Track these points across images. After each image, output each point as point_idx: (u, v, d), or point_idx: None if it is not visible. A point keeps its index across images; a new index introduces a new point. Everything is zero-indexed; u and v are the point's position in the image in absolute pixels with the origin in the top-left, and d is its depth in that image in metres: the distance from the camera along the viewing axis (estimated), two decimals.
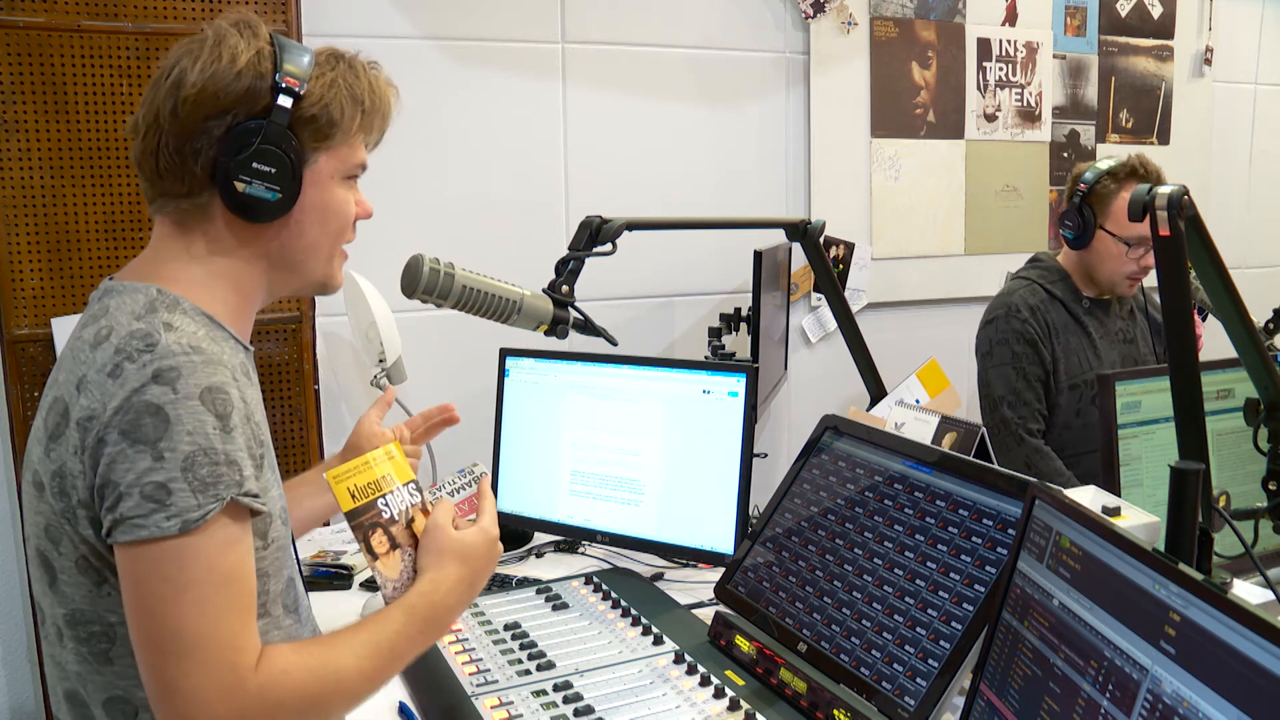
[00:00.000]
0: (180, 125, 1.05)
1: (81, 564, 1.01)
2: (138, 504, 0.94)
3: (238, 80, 1.05)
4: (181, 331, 1.00)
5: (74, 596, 1.03)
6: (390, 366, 2.29)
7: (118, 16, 1.99)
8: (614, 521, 1.94)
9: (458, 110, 2.53)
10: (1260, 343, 1.38)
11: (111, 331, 1.01)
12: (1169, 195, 1.23)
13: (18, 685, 2.26)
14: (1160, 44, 3.36)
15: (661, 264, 2.76)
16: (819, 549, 1.50)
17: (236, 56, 1.06)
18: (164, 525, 0.94)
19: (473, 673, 1.47)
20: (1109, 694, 0.92)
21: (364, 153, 1.18)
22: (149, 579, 0.95)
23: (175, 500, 0.94)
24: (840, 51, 2.91)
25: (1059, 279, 2.39)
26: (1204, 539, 1.35)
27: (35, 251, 2.00)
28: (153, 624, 0.96)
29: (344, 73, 1.13)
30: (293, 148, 1.08)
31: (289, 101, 1.07)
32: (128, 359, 0.97)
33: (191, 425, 0.96)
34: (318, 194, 1.12)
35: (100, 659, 1.03)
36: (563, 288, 1.65)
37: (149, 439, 0.95)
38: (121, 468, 0.95)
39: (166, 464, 0.95)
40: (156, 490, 0.94)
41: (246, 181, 1.05)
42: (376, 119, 1.17)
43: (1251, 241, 3.55)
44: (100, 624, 1.03)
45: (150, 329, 1.00)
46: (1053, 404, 2.34)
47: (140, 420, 0.95)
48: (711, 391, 1.86)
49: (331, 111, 1.10)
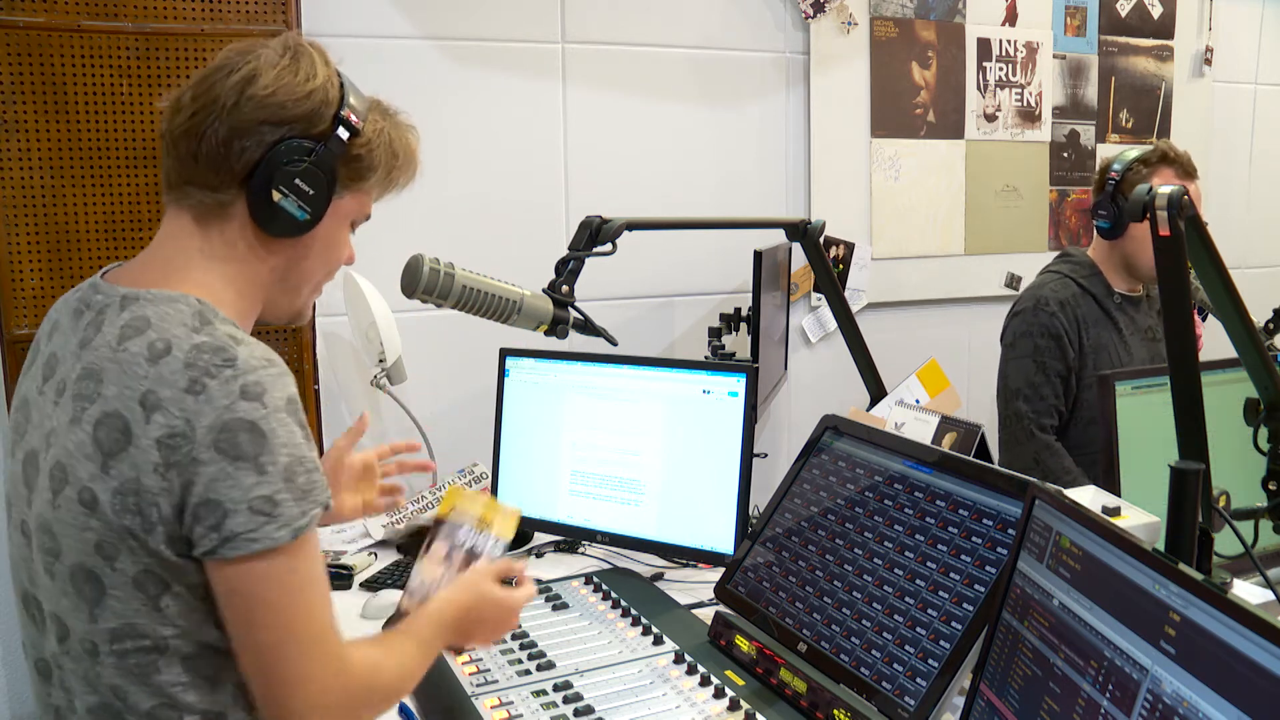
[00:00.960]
0: (238, 118, 1.06)
1: (141, 579, 1.01)
2: (248, 519, 0.97)
3: (308, 99, 1.08)
4: (249, 344, 1.02)
5: (124, 612, 1.02)
6: (390, 366, 2.29)
7: (118, 16, 1.99)
8: (614, 521, 1.94)
9: (458, 110, 2.53)
10: (1260, 343, 1.38)
11: (170, 345, 1.00)
12: (1169, 195, 1.23)
13: (18, 687, 2.26)
14: (1160, 44, 3.36)
15: (661, 264, 2.76)
16: (819, 549, 1.50)
17: (311, 76, 1.09)
18: (276, 536, 0.98)
19: (473, 673, 1.47)
20: (1109, 694, 0.92)
21: (372, 204, 1.22)
22: (265, 590, 1.00)
23: (282, 511, 0.98)
24: (840, 51, 2.91)
25: (1091, 273, 2.38)
26: (1204, 539, 1.35)
27: (35, 251, 2.00)
28: (270, 631, 1.00)
29: (391, 125, 1.18)
30: (334, 179, 1.11)
31: (346, 135, 1.10)
32: (207, 374, 0.98)
33: (284, 437, 0.99)
34: (333, 229, 1.16)
35: (149, 669, 1.03)
36: (563, 288, 1.65)
37: (249, 455, 0.97)
38: (225, 485, 0.97)
39: (270, 478, 0.98)
40: (264, 504, 0.97)
41: (284, 194, 1.08)
42: (402, 176, 1.21)
43: (1251, 241, 3.55)
44: (152, 638, 1.03)
45: (220, 343, 1.00)
46: (1079, 400, 2.32)
47: (237, 437, 0.97)
48: (711, 391, 1.86)
49: (374, 157, 1.15)
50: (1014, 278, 3.17)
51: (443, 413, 2.52)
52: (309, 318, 1.28)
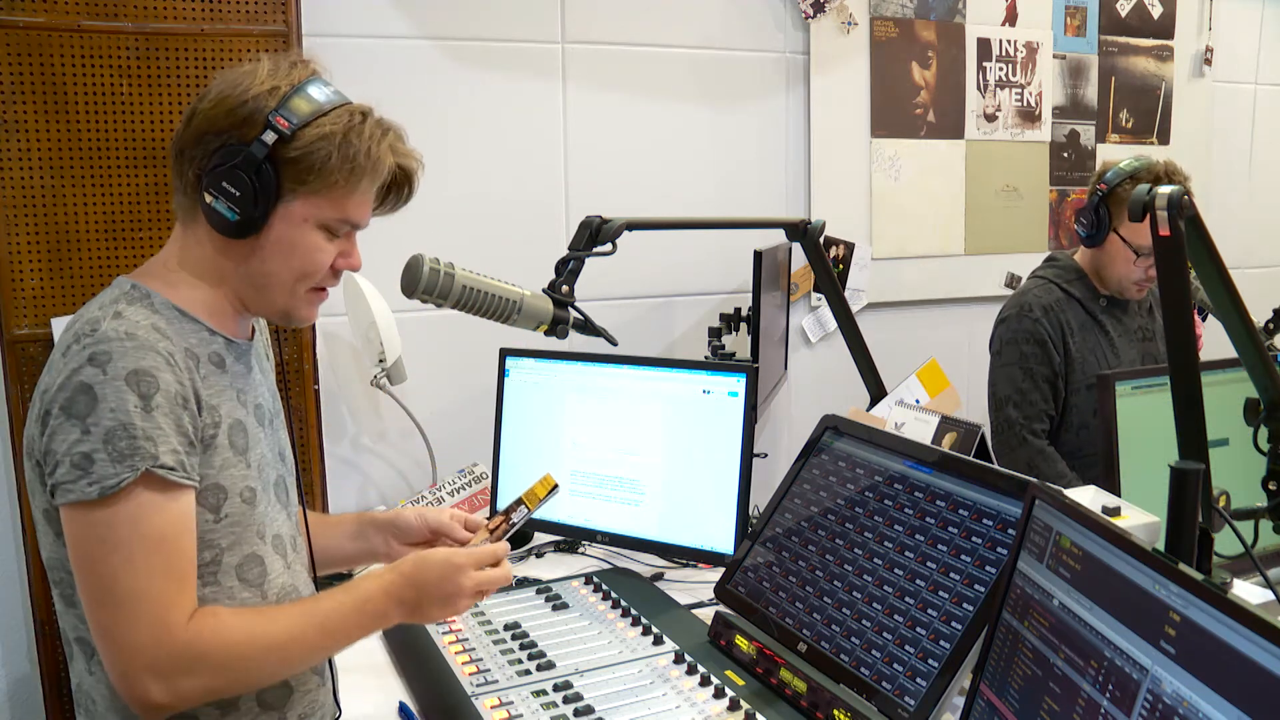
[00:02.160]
0: (190, 131, 1.17)
1: (46, 515, 1.14)
2: (67, 471, 1.07)
3: (242, 107, 1.16)
4: (124, 319, 1.11)
5: (45, 545, 1.16)
6: (390, 366, 2.29)
7: (118, 16, 1.99)
8: (614, 521, 1.94)
9: (458, 110, 2.53)
10: (1260, 343, 1.38)
11: (80, 318, 1.14)
12: (1169, 195, 1.23)
13: (18, 687, 2.26)
14: (1160, 44, 3.36)
15: (661, 264, 2.76)
16: (819, 549, 1.49)
17: (251, 86, 1.17)
18: (86, 490, 1.06)
19: (473, 673, 1.47)
20: (1109, 694, 0.92)
21: (356, 211, 1.23)
22: (86, 539, 1.08)
23: (96, 469, 1.06)
24: (840, 51, 2.91)
25: (1076, 278, 2.38)
26: (1204, 539, 1.35)
27: (35, 251, 2.00)
28: (90, 579, 1.08)
29: (349, 128, 1.19)
30: (266, 180, 1.16)
31: (271, 137, 1.15)
32: (75, 341, 1.11)
33: (115, 403, 1.07)
34: (288, 230, 1.20)
35: (67, 602, 1.16)
36: (563, 288, 1.65)
37: (80, 414, 1.07)
38: (59, 438, 1.08)
39: (90, 437, 1.07)
40: (82, 460, 1.07)
41: (214, 196, 1.16)
42: (365, 180, 1.21)
43: (1251, 241, 3.55)
44: (63, 569, 1.14)
45: (100, 316, 1.12)
46: (1069, 405, 2.33)
47: (75, 397, 1.07)
48: (711, 391, 1.86)
49: (314, 159, 1.17)
50: (1014, 278, 3.17)
51: (443, 413, 2.52)
52: (310, 319, 1.29)
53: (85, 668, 1.17)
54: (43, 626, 2.07)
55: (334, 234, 1.23)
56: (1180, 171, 2.24)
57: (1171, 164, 2.25)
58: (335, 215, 1.21)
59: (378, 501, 2.52)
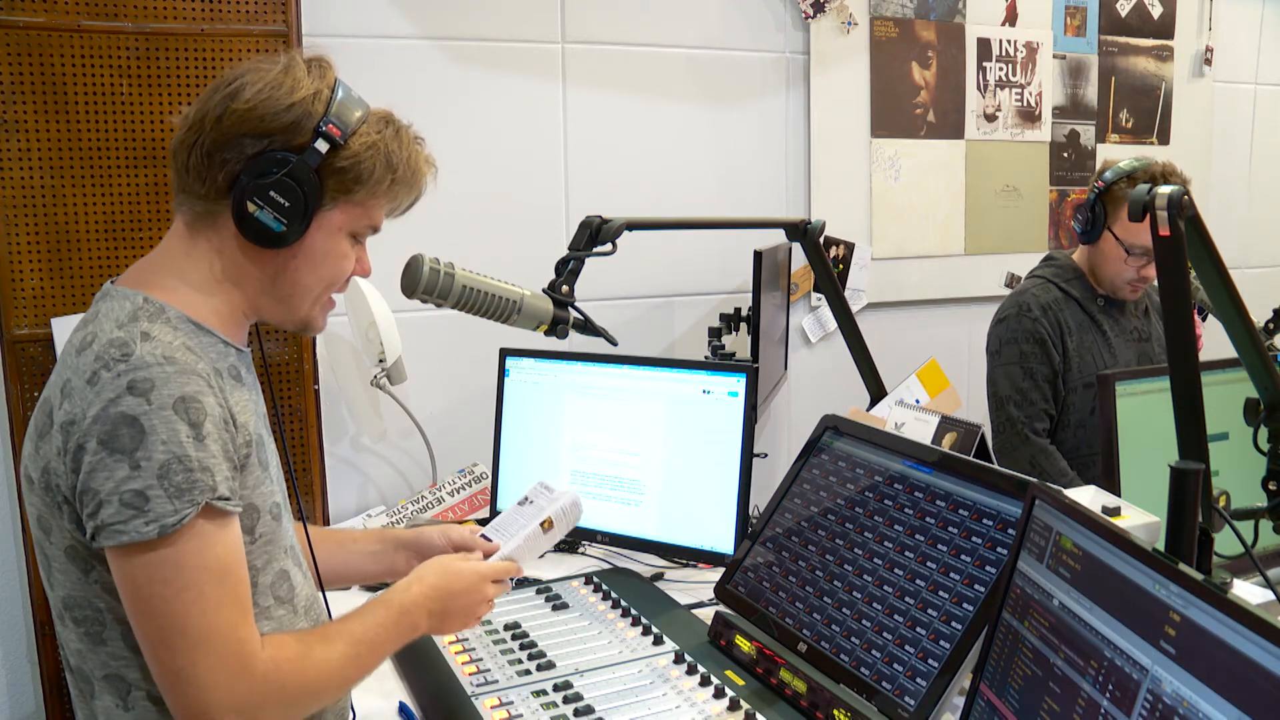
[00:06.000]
0: (220, 132, 1.10)
1: (70, 553, 1.07)
2: (117, 511, 1.00)
3: (288, 111, 1.10)
4: (157, 341, 1.05)
5: (65, 583, 1.09)
6: (390, 366, 2.29)
7: (118, 16, 1.99)
8: (614, 521, 1.94)
9: (458, 110, 2.53)
10: (1260, 343, 1.38)
11: (95, 338, 1.06)
12: (1169, 195, 1.23)
13: (18, 687, 2.26)
14: (1160, 44, 3.36)
15: (661, 264, 2.76)
16: (819, 549, 1.50)
17: (295, 89, 1.11)
18: (143, 530, 1.00)
19: (473, 673, 1.47)
20: (1109, 694, 0.92)
21: (381, 216, 1.22)
22: (147, 582, 1.01)
23: (153, 506, 1.00)
24: (840, 51, 2.91)
25: (1073, 277, 2.38)
26: (1204, 539, 1.35)
27: (35, 251, 2.00)
28: (157, 622, 1.02)
29: (389, 138, 1.17)
30: (313, 190, 1.12)
31: (325, 147, 1.11)
32: (104, 367, 1.02)
33: (166, 435, 1.01)
34: (323, 240, 1.16)
35: (95, 640, 1.09)
36: (563, 288, 1.65)
37: (126, 449, 1.00)
38: (101, 476, 1.00)
39: (143, 473, 1.00)
40: (135, 498, 1.00)
41: (259, 205, 1.10)
42: (403, 190, 1.21)
43: (1251, 241, 3.55)
44: (90, 608, 1.08)
45: (128, 338, 1.04)
46: (1066, 403, 2.33)
47: (117, 430, 1.00)
48: (711, 391, 1.86)
49: (362, 169, 1.14)
50: (1014, 278, 3.17)
51: (443, 413, 2.52)
52: (322, 327, 1.27)
53: (116, 703, 1.10)
54: (43, 627, 2.07)
55: (358, 240, 1.21)
56: (1179, 173, 2.25)
57: (1170, 165, 2.26)
58: (367, 223, 1.20)
59: (378, 501, 2.52)
